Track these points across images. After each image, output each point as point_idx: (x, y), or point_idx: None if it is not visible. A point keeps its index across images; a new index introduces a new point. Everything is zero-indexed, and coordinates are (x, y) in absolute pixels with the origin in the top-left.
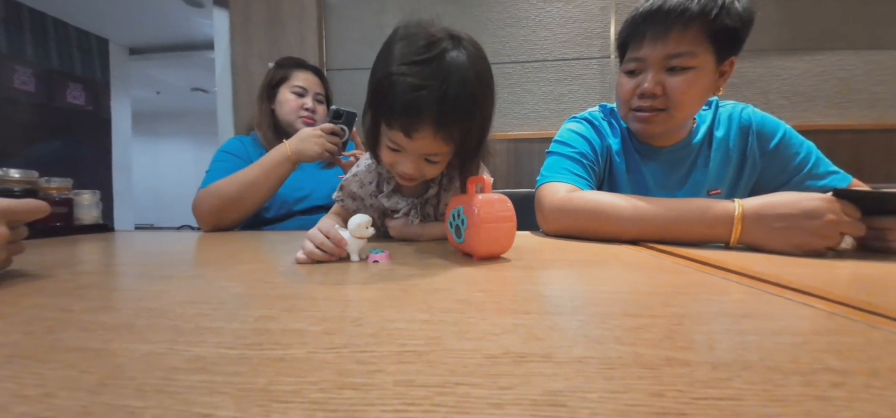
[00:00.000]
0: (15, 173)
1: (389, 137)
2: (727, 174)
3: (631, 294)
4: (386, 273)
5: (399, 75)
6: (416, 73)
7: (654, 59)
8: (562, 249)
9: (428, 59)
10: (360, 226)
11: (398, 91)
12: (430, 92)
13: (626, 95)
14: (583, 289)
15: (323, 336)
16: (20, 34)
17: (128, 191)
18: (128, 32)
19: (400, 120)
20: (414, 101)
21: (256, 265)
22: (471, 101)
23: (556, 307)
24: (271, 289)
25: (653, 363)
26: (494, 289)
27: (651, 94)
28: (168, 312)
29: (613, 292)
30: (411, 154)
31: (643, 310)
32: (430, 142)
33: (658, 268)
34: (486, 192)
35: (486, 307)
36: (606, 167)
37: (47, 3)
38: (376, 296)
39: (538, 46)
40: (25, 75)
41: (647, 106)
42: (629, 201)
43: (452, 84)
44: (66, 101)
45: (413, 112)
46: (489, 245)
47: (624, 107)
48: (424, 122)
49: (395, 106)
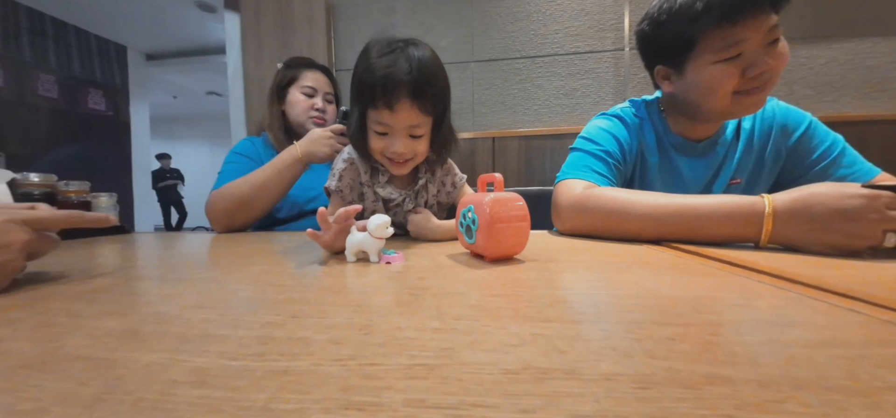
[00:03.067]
0: (34, 177)
1: (376, 120)
2: (748, 165)
3: (658, 299)
4: (396, 275)
5: (374, 64)
6: (387, 60)
7: (759, 36)
8: (578, 250)
9: (394, 49)
10: (380, 226)
11: (376, 74)
12: (401, 66)
13: (729, 84)
14: (605, 294)
15: (329, 346)
16: (43, 43)
17: (147, 193)
18: (145, 39)
19: (382, 96)
20: (390, 76)
21: (267, 267)
22: (434, 72)
23: (578, 314)
24: (279, 292)
25: (691, 381)
26: (509, 294)
27: (769, 71)
28: (175, 318)
29: (639, 297)
30: (398, 131)
31: (673, 317)
32: (409, 113)
33: (684, 270)
34: (497, 190)
35: (501, 314)
36: (637, 166)
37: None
38: (385, 302)
39: (549, 40)
40: (49, 82)
41: (761, 84)
42: (649, 198)
43: (416, 60)
44: (88, 106)
45: (390, 85)
46: (501, 245)
47: (724, 97)
48: (402, 92)
49: (375, 87)
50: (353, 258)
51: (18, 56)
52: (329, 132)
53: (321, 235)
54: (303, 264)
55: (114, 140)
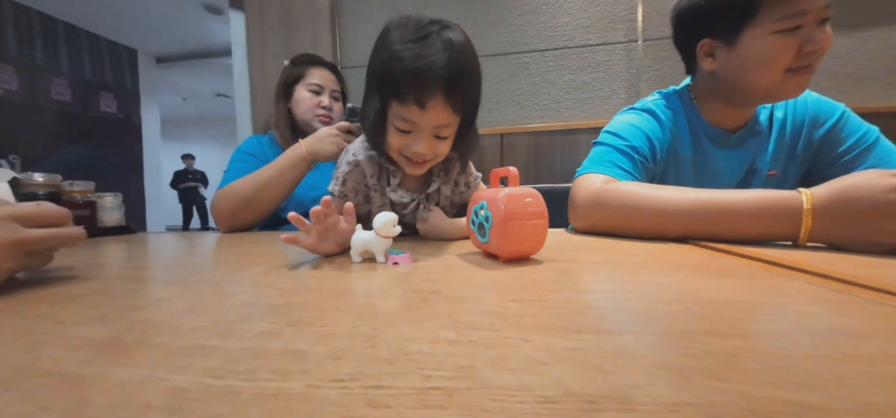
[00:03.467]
0: (38, 177)
1: (401, 116)
2: (781, 157)
3: (702, 305)
4: (403, 277)
5: (403, 51)
6: (418, 47)
7: (817, 11)
8: (599, 248)
9: (426, 35)
10: (387, 224)
11: (406, 64)
12: (436, 57)
13: (786, 57)
14: (639, 299)
15: (328, 362)
16: (56, 47)
17: (158, 194)
18: (155, 42)
19: (413, 90)
20: (424, 69)
21: (267, 267)
22: (472, 64)
23: (614, 323)
24: (278, 296)
25: (773, 411)
26: (530, 299)
27: (820, 50)
28: (162, 326)
29: (679, 302)
30: (424, 131)
31: (726, 327)
32: (440, 112)
33: (723, 271)
34: (512, 185)
35: (524, 323)
36: (670, 161)
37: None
38: (392, 307)
39: (559, 33)
40: (62, 86)
41: (815, 61)
42: (674, 193)
43: (453, 51)
44: (100, 109)
45: (424, 79)
46: (517, 244)
47: (776, 73)
48: (436, 88)
49: (405, 78)
50: (359, 258)
51: (32, 60)
52: (335, 130)
53: (301, 239)
54: (305, 265)
55: (125, 142)
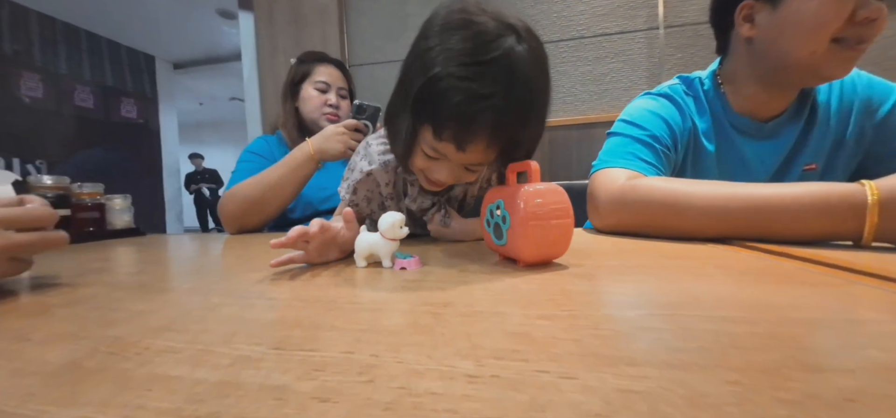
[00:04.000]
0: (47, 180)
1: (432, 146)
2: (824, 148)
3: (778, 324)
4: (410, 285)
5: (455, 79)
6: (475, 77)
7: None
8: (629, 251)
9: (488, 60)
10: (393, 225)
11: (453, 99)
12: (492, 102)
13: (836, 22)
14: (697, 315)
15: (312, 404)
16: (79, 55)
17: (177, 197)
18: (172, 48)
19: (454, 132)
20: (474, 115)
21: (264, 274)
22: (531, 108)
23: (677, 351)
24: (269, 309)
25: None
26: (562, 315)
27: (876, 21)
28: (131, 346)
29: (749, 320)
30: (454, 163)
31: (821, 357)
32: (480, 154)
33: (783, 278)
34: (532, 180)
35: (560, 348)
36: (690, 153)
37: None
38: (397, 325)
39: (574, 22)
40: (84, 93)
41: (869, 35)
42: (713, 188)
43: (517, 89)
44: (120, 115)
45: (471, 125)
46: (539, 248)
47: (822, 41)
48: (482, 134)
49: (448, 115)
50: (364, 263)
51: (56, 68)
52: (342, 128)
53: (295, 257)
54: (305, 271)
55: (144, 146)
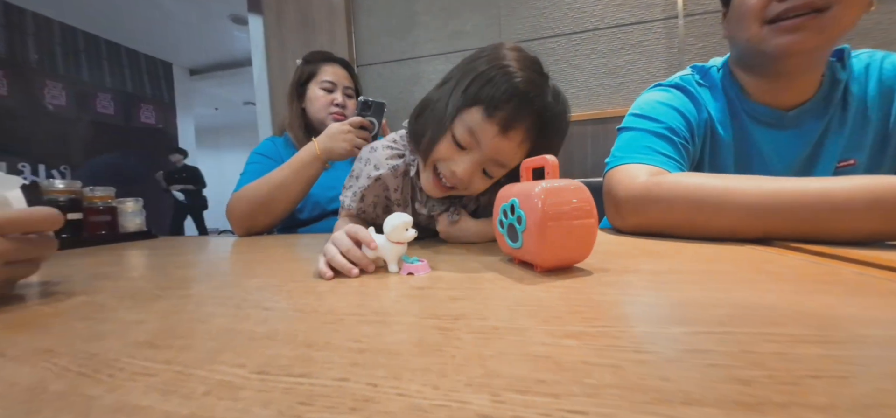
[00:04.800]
0: (59, 183)
1: (473, 128)
2: (865, 142)
3: (859, 344)
4: (418, 294)
5: (517, 71)
6: (533, 76)
7: None
8: (657, 253)
9: (541, 73)
10: (399, 228)
11: (514, 81)
12: (541, 95)
13: (760, 3)
14: (760, 335)
15: None
16: (100, 64)
17: None
18: (187, 55)
19: (507, 109)
20: (529, 98)
21: (264, 281)
22: (562, 126)
23: (742, 383)
24: (262, 321)
25: None
26: (593, 332)
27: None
28: (104, 367)
29: (826, 341)
30: (480, 155)
31: None
32: (515, 147)
33: (844, 285)
34: (550, 177)
35: (594, 377)
36: (707, 145)
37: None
38: (401, 344)
39: (587, 14)
40: (105, 100)
41: (801, 5)
42: (752, 183)
43: (557, 105)
44: (140, 120)
45: (523, 106)
46: (558, 251)
47: (754, 23)
48: (526, 121)
49: (506, 94)
50: (371, 267)
51: (79, 77)
52: (347, 126)
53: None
54: (307, 276)
55: (163, 150)
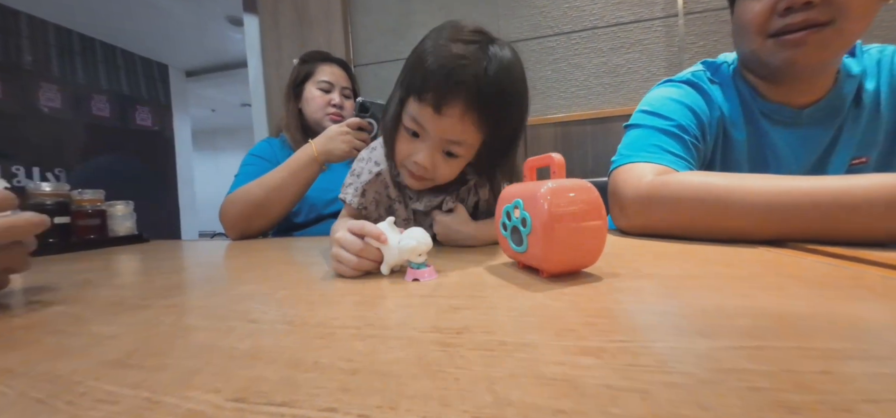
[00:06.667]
0: (46, 186)
1: (415, 116)
2: (877, 138)
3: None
4: (420, 304)
5: (441, 47)
6: (459, 46)
7: None
8: (669, 256)
9: (470, 41)
10: (415, 249)
11: (437, 59)
12: (471, 65)
13: (760, 18)
14: (798, 349)
15: None
16: (95, 65)
17: (192, 203)
18: (183, 56)
19: (433, 89)
20: (453, 71)
21: (255, 287)
22: (509, 89)
23: (790, 411)
24: (246, 335)
25: None
26: (612, 349)
27: (805, 1)
28: (68, 390)
29: (868, 356)
30: (431, 140)
31: None
32: (456, 123)
33: (873, 290)
34: (556, 176)
35: (621, 406)
36: (718, 143)
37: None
38: (399, 362)
39: (586, 12)
40: (101, 102)
41: (799, 21)
42: (764, 182)
43: (494, 64)
44: (136, 123)
45: (449, 80)
46: (566, 255)
47: (757, 36)
48: (458, 94)
49: (430, 74)
50: (387, 271)
51: (74, 79)
52: (345, 127)
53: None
54: (300, 283)
55: (160, 153)
